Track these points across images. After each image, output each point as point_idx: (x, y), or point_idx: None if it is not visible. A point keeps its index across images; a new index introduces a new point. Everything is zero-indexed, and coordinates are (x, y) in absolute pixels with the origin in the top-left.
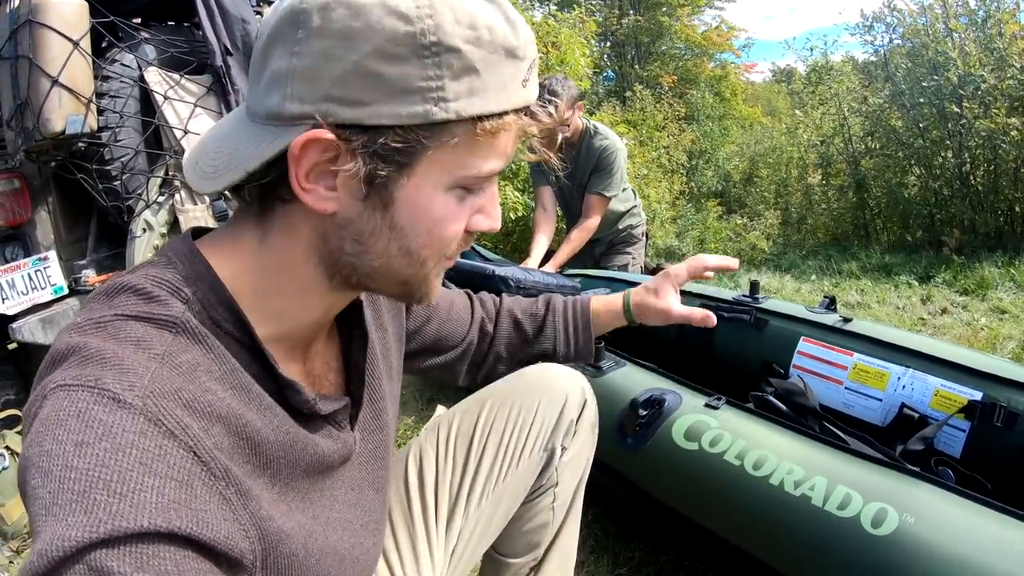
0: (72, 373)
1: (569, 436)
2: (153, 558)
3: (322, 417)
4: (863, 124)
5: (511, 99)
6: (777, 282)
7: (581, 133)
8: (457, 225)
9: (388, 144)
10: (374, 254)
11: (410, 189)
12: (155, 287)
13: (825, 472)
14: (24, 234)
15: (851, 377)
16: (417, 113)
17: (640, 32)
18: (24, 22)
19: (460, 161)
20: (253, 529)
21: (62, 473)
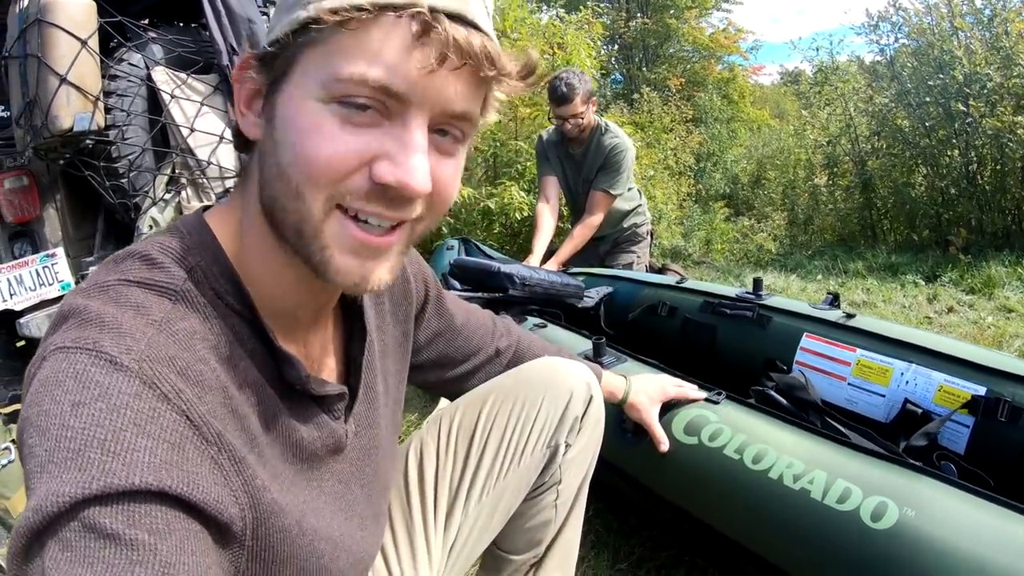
0: (71, 335)
1: (573, 433)
2: (144, 516)
3: (316, 403)
4: (869, 124)
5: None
6: (783, 282)
7: (592, 130)
8: (330, 148)
9: (271, 53)
10: (269, 179)
11: (286, 96)
12: (160, 254)
13: (825, 466)
14: (32, 231)
15: (854, 373)
16: (291, 20)
17: (648, 35)
18: (33, 21)
19: (324, 62)
20: (245, 496)
21: (58, 432)
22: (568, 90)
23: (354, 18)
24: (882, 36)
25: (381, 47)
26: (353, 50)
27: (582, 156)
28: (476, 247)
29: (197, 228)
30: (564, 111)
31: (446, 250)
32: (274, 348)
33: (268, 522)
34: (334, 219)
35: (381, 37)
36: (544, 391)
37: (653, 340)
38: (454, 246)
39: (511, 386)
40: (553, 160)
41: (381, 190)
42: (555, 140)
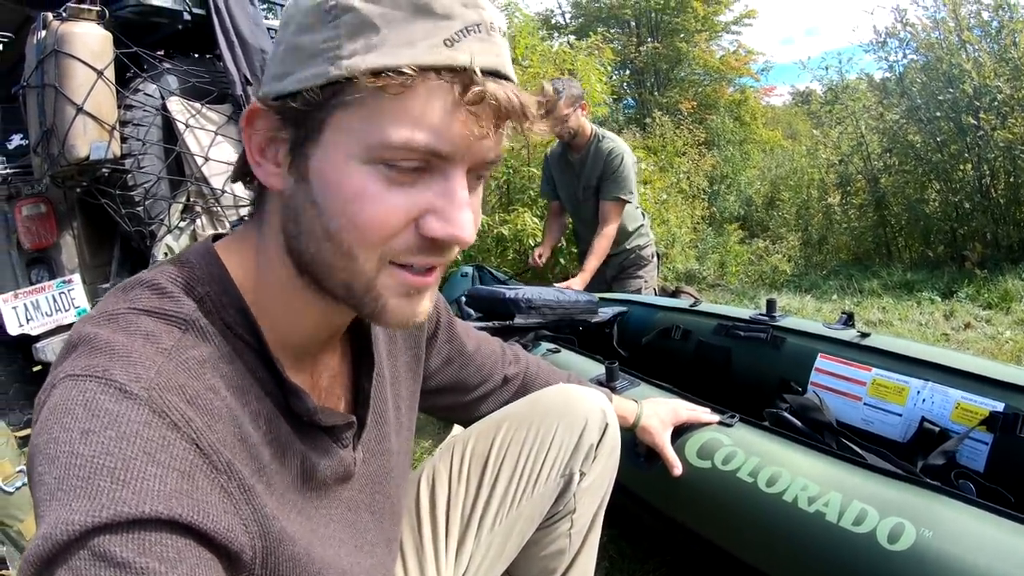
0: (81, 363)
1: (588, 461)
2: (155, 544)
3: (324, 432)
4: (881, 141)
5: (420, 57)
6: (798, 303)
7: (589, 137)
8: (381, 211)
9: (295, 108)
10: (307, 236)
11: (320, 158)
12: (169, 284)
13: (840, 488)
14: (49, 257)
15: (870, 393)
16: (318, 74)
17: (658, 59)
18: (50, 52)
19: (366, 126)
20: (255, 525)
21: (68, 460)
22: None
23: (396, 82)
24: (890, 53)
25: (425, 110)
26: (397, 114)
27: (581, 163)
28: (490, 274)
29: (206, 258)
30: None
31: (460, 277)
32: (282, 380)
33: (278, 551)
34: (385, 272)
35: (424, 100)
36: (559, 418)
37: (667, 364)
38: (468, 273)
39: (525, 413)
40: (556, 172)
41: (430, 242)
42: (559, 151)
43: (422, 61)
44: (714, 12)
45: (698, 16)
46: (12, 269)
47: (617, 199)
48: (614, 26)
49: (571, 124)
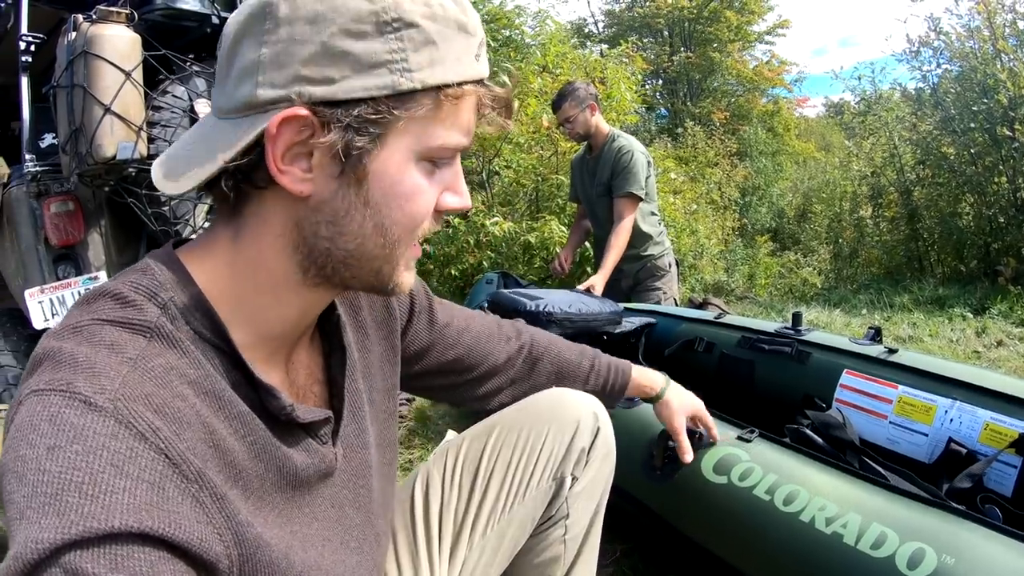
0: (45, 378)
1: (580, 465)
2: (127, 559)
3: (302, 429)
4: (914, 153)
5: (467, 71)
6: (827, 317)
7: (605, 138)
8: (427, 199)
9: (361, 116)
10: (349, 235)
11: (382, 161)
12: (132, 292)
13: (859, 509)
14: (76, 254)
15: (896, 411)
16: (386, 84)
17: (691, 69)
18: (80, 53)
19: (427, 131)
20: (228, 533)
21: (35, 477)
22: (558, 98)
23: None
24: (924, 62)
25: (468, 116)
26: (452, 121)
27: (597, 162)
28: (516, 281)
29: (169, 264)
30: (557, 117)
31: (485, 284)
32: (255, 380)
33: (255, 557)
34: (408, 250)
35: (467, 107)
36: (549, 422)
37: (690, 375)
38: (493, 280)
39: (516, 418)
40: (577, 175)
41: (441, 214)
42: (581, 155)
43: (469, 76)
44: (747, 22)
45: (731, 26)
46: (39, 265)
47: (629, 194)
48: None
49: (579, 126)
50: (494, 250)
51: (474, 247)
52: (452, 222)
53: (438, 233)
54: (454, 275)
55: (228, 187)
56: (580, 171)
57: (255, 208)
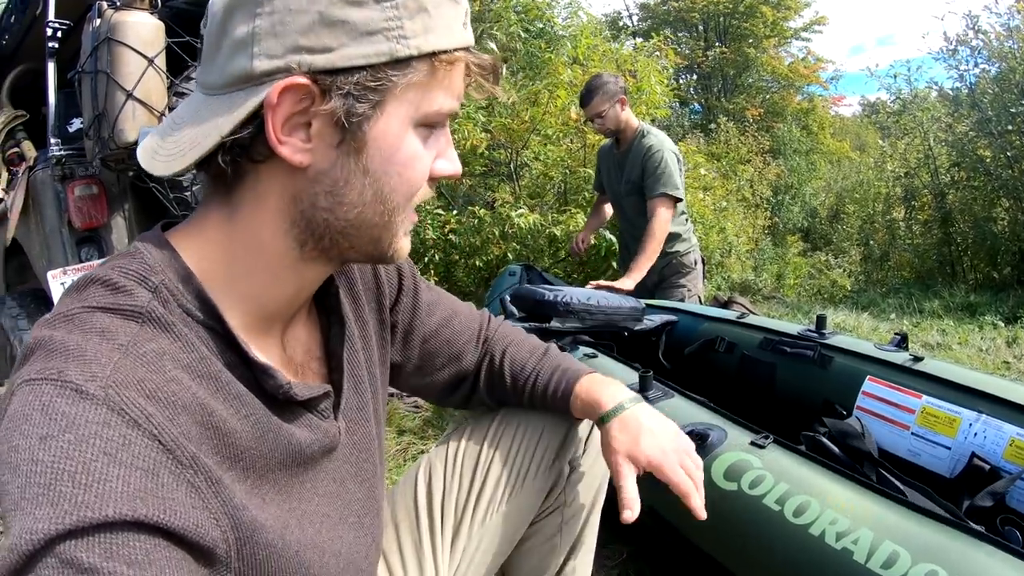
0: (37, 367)
1: (578, 455)
2: (122, 547)
3: (302, 406)
4: (949, 155)
5: (457, 38)
6: (854, 320)
7: (634, 133)
8: (424, 165)
9: (361, 83)
10: (348, 204)
11: (381, 128)
12: (122, 277)
13: (873, 525)
14: (100, 237)
15: (918, 421)
16: (383, 51)
17: (726, 64)
18: (104, 39)
19: (424, 97)
20: (225, 518)
21: (28, 467)
22: (586, 92)
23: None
24: (961, 62)
25: (460, 82)
26: (447, 87)
27: (626, 158)
28: (539, 274)
29: (158, 246)
30: (587, 112)
31: (508, 276)
32: (250, 360)
33: (252, 539)
34: (407, 217)
35: (459, 73)
36: (549, 413)
37: (709, 376)
38: (516, 272)
39: (517, 407)
40: (603, 166)
41: (434, 183)
42: (608, 146)
43: (459, 43)
44: (783, 17)
45: (767, 21)
46: (63, 247)
47: (663, 195)
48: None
49: (609, 122)
50: (519, 242)
51: (499, 238)
52: (478, 213)
53: (463, 223)
54: (479, 266)
55: (225, 162)
56: (607, 164)
57: (251, 185)
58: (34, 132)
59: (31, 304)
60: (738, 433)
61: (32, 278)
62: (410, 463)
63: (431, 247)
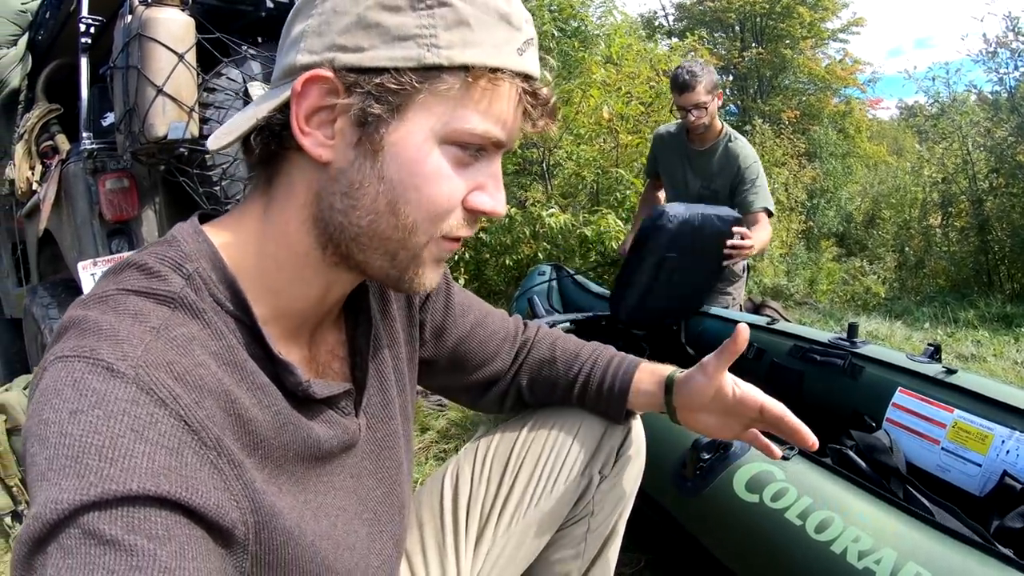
0: (70, 345)
1: (609, 464)
2: (144, 521)
3: (322, 402)
4: (988, 160)
5: (506, 60)
6: (887, 328)
7: (719, 133)
8: (449, 189)
9: (383, 84)
10: (362, 210)
11: (401, 135)
12: (157, 263)
13: (897, 544)
14: (130, 229)
15: (949, 436)
16: (410, 56)
17: (762, 65)
18: (135, 35)
19: (452, 111)
20: (246, 501)
21: (57, 440)
22: (690, 77)
23: (490, 79)
24: (1001, 65)
25: (504, 107)
26: (484, 107)
27: (706, 159)
28: (568, 275)
29: (195, 236)
30: (686, 100)
31: (536, 275)
32: (271, 355)
33: (271, 525)
34: (433, 244)
35: (503, 99)
36: (581, 419)
37: None
38: (545, 272)
39: (548, 413)
40: (664, 153)
41: (474, 217)
42: (675, 133)
43: (507, 65)
44: (821, 18)
45: (804, 22)
46: (93, 238)
47: (765, 210)
48: (718, 30)
49: (708, 116)
50: (550, 242)
51: (530, 238)
52: (509, 212)
53: (492, 222)
54: (509, 265)
55: (256, 143)
56: (670, 153)
57: (285, 180)
58: (68, 126)
59: (62, 293)
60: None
61: (63, 268)
62: (432, 461)
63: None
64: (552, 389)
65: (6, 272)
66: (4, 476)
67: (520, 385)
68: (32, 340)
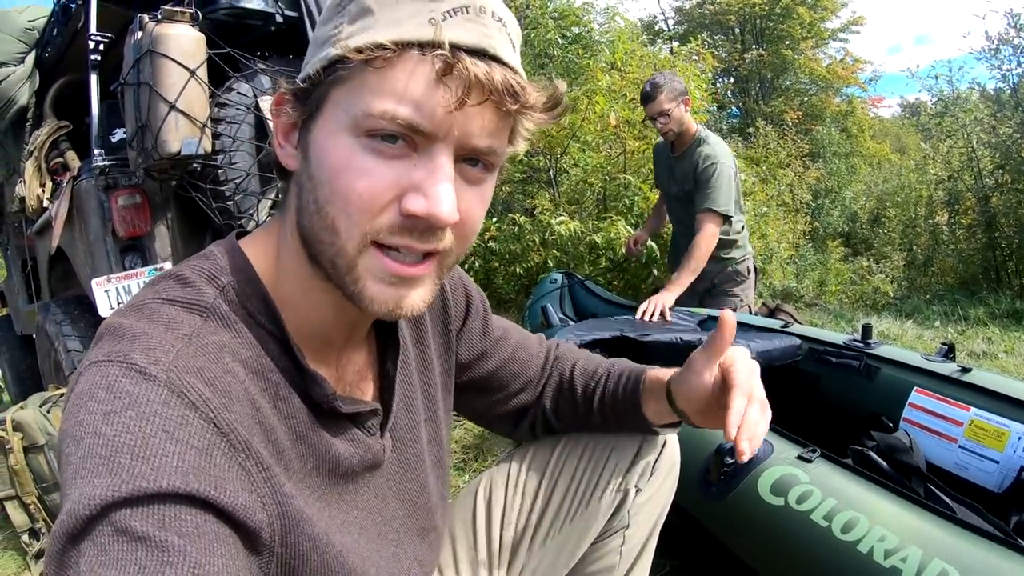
0: (105, 350)
1: (644, 478)
2: (174, 519)
3: (348, 420)
4: (993, 156)
5: (403, 33)
6: (898, 328)
7: (692, 137)
8: (366, 183)
9: (304, 88)
10: (304, 210)
11: (317, 131)
12: (193, 274)
13: (922, 542)
14: (143, 245)
15: (966, 434)
16: (322, 57)
17: (763, 67)
18: (145, 52)
19: (353, 98)
20: (273, 503)
21: (91, 440)
22: (652, 88)
23: (378, 56)
24: (1004, 61)
25: (406, 85)
26: (380, 87)
27: (681, 163)
28: (580, 282)
29: (230, 251)
30: (651, 109)
31: (548, 283)
32: (302, 367)
33: (297, 530)
34: (368, 254)
35: (406, 75)
36: (616, 435)
37: None
38: (557, 280)
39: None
40: (657, 166)
41: (411, 223)
42: (664, 145)
43: (403, 37)
44: (821, 18)
45: (804, 22)
46: (107, 255)
47: (710, 211)
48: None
49: (674, 122)
50: (560, 249)
51: (539, 246)
52: (518, 220)
53: (503, 230)
54: (519, 273)
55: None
56: (661, 164)
57: (288, 194)
58: (77, 143)
59: (75, 310)
60: (784, 446)
61: (75, 285)
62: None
63: (470, 253)
64: (574, 410)
65: (17, 289)
66: (21, 494)
67: (544, 408)
68: (45, 357)
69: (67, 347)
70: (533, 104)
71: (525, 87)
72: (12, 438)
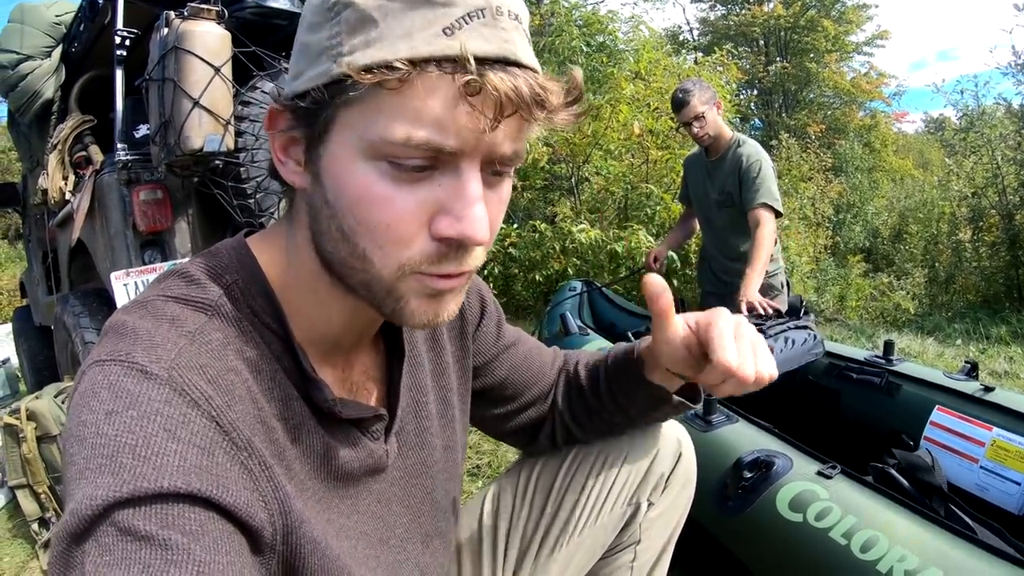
0: (107, 349)
1: (657, 491)
2: (177, 518)
3: (351, 423)
4: (1018, 173)
5: (417, 48)
6: (919, 345)
7: (728, 141)
8: (393, 211)
9: (306, 107)
10: (326, 236)
11: (329, 156)
12: (198, 272)
13: (942, 563)
14: (163, 240)
15: (988, 455)
16: (322, 72)
17: (787, 79)
18: (171, 48)
19: (367, 123)
20: (275, 503)
21: (93, 440)
22: (683, 94)
23: (392, 78)
24: None
25: (424, 106)
26: (395, 110)
27: (719, 167)
28: (600, 291)
29: (237, 249)
30: (685, 115)
31: (568, 291)
32: (303, 369)
33: (299, 530)
34: (411, 278)
35: (423, 95)
36: (629, 445)
37: (771, 402)
38: (576, 288)
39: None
40: (691, 176)
41: (445, 246)
42: (698, 154)
43: (417, 53)
44: (845, 32)
45: (828, 35)
46: (127, 249)
47: (764, 205)
48: (742, 44)
49: (710, 125)
50: (580, 257)
51: (560, 253)
52: (539, 227)
53: (524, 237)
54: (538, 280)
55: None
56: (695, 174)
57: (296, 201)
58: (101, 137)
59: (94, 302)
60: (804, 462)
61: (95, 278)
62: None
63: (490, 259)
64: (585, 405)
65: (37, 280)
66: (33, 483)
67: (560, 412)
68: (63, 348)
69: (84, 339)
70: (556, 106)
71: (549, 91)
72: (26, 427)
